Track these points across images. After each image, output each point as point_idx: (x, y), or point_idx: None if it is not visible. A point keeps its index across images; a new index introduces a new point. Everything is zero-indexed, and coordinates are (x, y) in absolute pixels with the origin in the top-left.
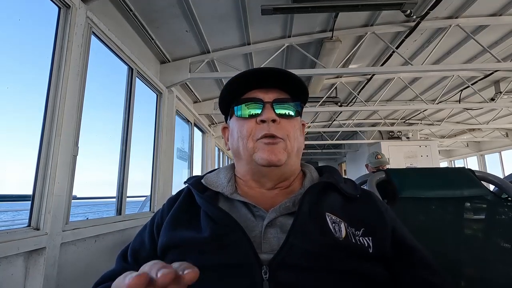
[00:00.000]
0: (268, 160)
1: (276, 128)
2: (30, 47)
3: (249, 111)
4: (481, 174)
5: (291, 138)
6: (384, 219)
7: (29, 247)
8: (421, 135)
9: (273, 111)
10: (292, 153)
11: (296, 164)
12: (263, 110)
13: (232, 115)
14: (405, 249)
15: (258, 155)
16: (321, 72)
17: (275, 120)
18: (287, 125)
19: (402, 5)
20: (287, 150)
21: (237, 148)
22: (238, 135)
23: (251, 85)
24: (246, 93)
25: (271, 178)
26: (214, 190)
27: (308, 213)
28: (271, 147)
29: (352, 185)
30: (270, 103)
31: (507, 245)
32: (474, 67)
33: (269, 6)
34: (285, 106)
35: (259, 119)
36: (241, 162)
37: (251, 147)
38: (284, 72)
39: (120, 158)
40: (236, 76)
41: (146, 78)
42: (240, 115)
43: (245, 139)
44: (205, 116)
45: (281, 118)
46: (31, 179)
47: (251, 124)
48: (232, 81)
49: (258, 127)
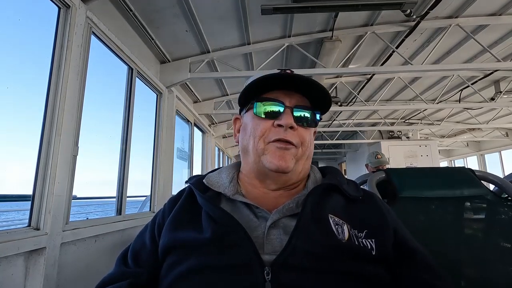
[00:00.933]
0: (278, 166)
1: (292, 135)
2: (30, 47)
3: (268, 112)
4: (481, 174)
5: (305, 146)
6: (387, 221)
7: (29, 247)
8: (421, 134)
9: (292, 117)
10: (301, 159)
11: (305, 170)
12: (283, 114)
13: (248, 110)
14: (406, 251)
15: (267, 158)
16: (321, 72)
17: (292, 127)
18: (303, 133)
19: (402, 4)
20: (296, 156)
21: (247, 145)
22: (251, 133)
23: (275, 85)
24: (268, 92)
25: (276, 182)
26: (216, 190)
27: (311, 215)
28: (282, 152)
29: (355, 187)
30: (291, 108)
31: (507, 245)
32: (474, 66)
33: (269, 6)
34: (305, 114)
35: (277, 123)
36: (248, 160)
37: (261, 148)
38: (311, 82)
39: (120, 158)
40: (263, 77)
41: (146, 78)
42: (258, 113)
43: (257, 139)
44: (205, 116)
45: (299, 126)
46: (31, 179)
47: (266, 125)
48: (258, 80)
49: (273, 130)
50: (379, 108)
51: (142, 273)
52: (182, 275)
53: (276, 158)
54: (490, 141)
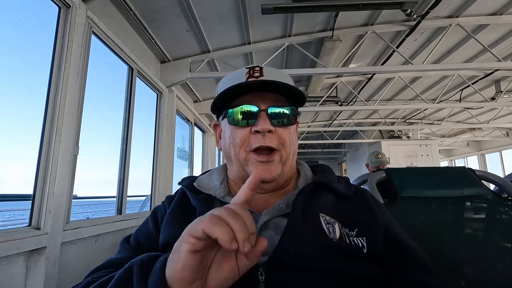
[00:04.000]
0: (262, 178)
1: (271, 139)
2: (30, 47)
3: (243, 120)
4: (482, 174)
5: (287, 146)
6: (376, 217)
7: (30, 247)
8: (421, 134)
9: (269, 121)
10: (287, 161)
11: (292, 169)
12: (258, 119)
13: (224, 117)
14: (398, 248)
15: (250, 170)
16: (321, 71)
17: (270, 131)
18: (283, 134)
19: (403, 4)
20: (282, 160)
21: (229, 153)
22: (230, 141)
23: (244, 89)
24: (240, 97)
25: (264, 188)
26: (207, 193)
27: (301, 214)
28: (265, 165)
29: (345, 184)
30: (265, 110)
31: (507, 245)
32: (475, 66)
33: (269, 6)
34: (281, 113)
35: (254, 129)
36: (232, 167)
37: (244, 158)
38: (280, 84)
39: (121, 158)
40: (230, 87)
41: (146, 77)
42: (232, 121)
43: (238, 148)
44: (205, 116)
45: (277, 127)
46: (31, 179)
47: (244, 133)
48: (226, 91)
49: (252, 137)
50: (379, 108)
51: None
52: None
53: (260, 170)
54: (490, 140)
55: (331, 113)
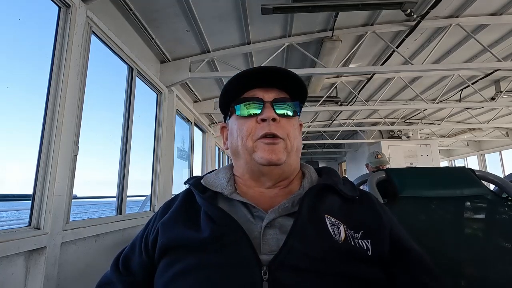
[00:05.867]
0: (268, 160)
1: (277, 127)
2: (30, 47)
3: (248, 110)
4: (481, 174)
5: (291, 137)
6: (383, 221)
7: (30, 247)
8: (421, 134)
9: (273, 110)
10: (292, 152)
11: (296, 163)
12: (263, 109)
13: (231, 114)
14: (402, 251)
15: (258, 155)
16: (321, 71)
17: (275, 119)
18: (286, 125)
19: (403, 4)
20: (287, 149)
21: (236, 147)
22: (238, 134)
23: (250, 84)
24: (246, 92)
25: (270, 177)
26: (214, 190)
27: (307, 215)
28: (271, 147)
29: (351, 186)
30: (270, 102)
31: (507, 245)
32: (475, 66)
33: (269, 6)
34: (285, 106)
35: (260, 118)
36: (239, 161)
37: (251, 146)
38: (283, 71)
39: (120, 158)
40: (236, 76)
41: (146, 77)
42: (240, 114)
43: (245, 138)
44: (205, 116)
45: (281, 118)
46: (31, 179)
47: (251, 123)
48: (232, 80)
49: (258, 126)
50: (379, 108)
51: (132, 281)
52: (179, 273)
53: (266, 153)
54: (490, 141)
55: (331, 113)
